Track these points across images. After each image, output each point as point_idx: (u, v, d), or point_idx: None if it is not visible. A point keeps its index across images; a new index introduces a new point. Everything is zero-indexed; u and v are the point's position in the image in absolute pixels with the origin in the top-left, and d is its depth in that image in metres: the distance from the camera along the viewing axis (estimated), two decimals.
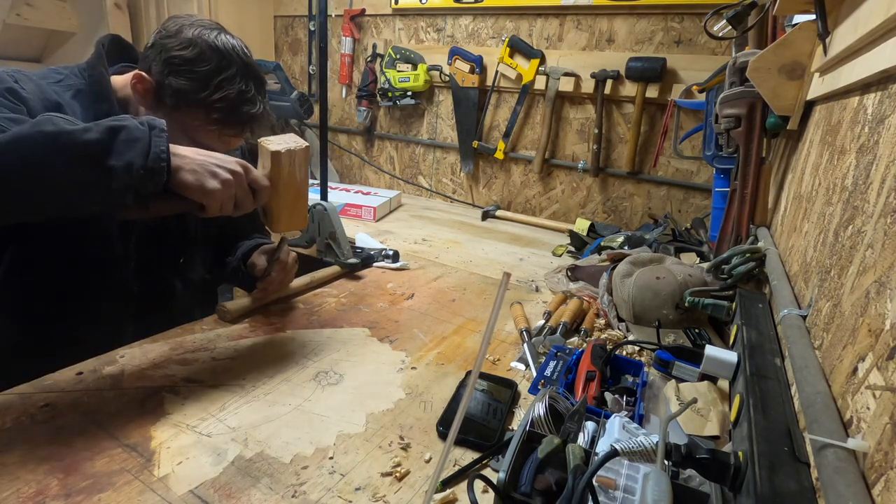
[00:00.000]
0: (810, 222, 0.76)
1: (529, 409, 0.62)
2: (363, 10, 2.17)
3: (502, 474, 0.50)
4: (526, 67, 1.82)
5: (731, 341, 0.80)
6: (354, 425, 0.70)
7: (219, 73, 0.83)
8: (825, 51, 0.81)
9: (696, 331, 0.96)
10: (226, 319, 0.96)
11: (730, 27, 1.15)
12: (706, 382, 0.76)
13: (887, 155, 0.49)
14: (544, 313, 1.06)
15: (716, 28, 1.20)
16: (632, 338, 0.96)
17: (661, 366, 0.81)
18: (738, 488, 0.47)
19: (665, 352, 0.82)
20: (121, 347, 0.83)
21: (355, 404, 0.74)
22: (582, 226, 1.69)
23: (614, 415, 0.62)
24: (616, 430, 0.58)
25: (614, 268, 1.09)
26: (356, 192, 1.97)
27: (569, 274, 1.26)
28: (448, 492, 0.59)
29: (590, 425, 0.62)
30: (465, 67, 1.94)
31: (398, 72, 2.06)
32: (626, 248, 1.37)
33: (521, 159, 1.97)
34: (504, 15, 1.88)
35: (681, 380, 0.79)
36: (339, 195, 1.89)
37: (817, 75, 0.90)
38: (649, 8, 1.61)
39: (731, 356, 0.71)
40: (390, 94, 2.11)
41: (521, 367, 0.89)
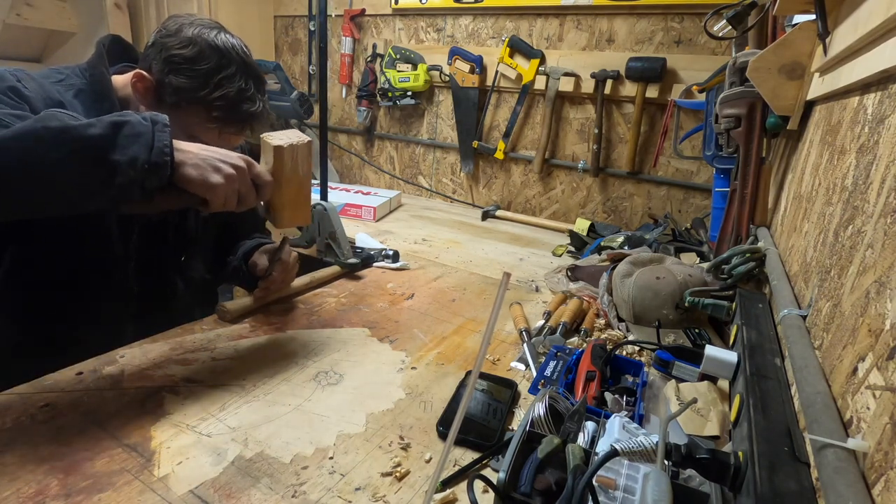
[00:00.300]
0: (810, 222, 0.76)
1: (529, 409, 0.62)
2: (363, 10, 2.17)
3: (502, 474, 0.50)
4: (526, 67, 1.82)
5: (731, 341, 0.80)
6: (354, 425, 0.70)
7: (219, 72, 0.83)
8: (825, 51, 0.81)
9: (696, 331, 0.96)
10: (226, 319, 0.96)
11: (730, 27, 1.16)
12: (706, 382, 0.76)
13: (887, 155, 0.49)
14: (544, 313, 1.06)
15: (716, 28, 1.20)
16: (632, 338, 0.96)
17: (661, 366, 0.81)
18: (738, 488, 0.47)
19: (665, 352, 0.82)
20: (121, 347, 0.83)
21: (355, 404, 0.74)
22: (582, 226, 1.69)
23: (614, 415, 0.62)
24: (616, 430, 0.58)
25: (614, 268, 1.09)
26: (356, 192, 1.97)
27: (569, 274, 1.26)
28: (448, 492, 0.59)
29: (590, 425, 0.62)
30: (465, 67, 1.94)
31: (398, 72, 2.06)
32: (626, 248, 1.37)
33: (521, 159, 1.97)
34: (504, 15, 1.88)
35: (681, 380, 0.79)
36: (339, 195, 1.89)
37: (817, 75, 0.90)
38: (649, 8, 1.61)
39: (731, 356, 0.71)
40: (390, 94, 2.11)
41: (521, 367, 0.89)
